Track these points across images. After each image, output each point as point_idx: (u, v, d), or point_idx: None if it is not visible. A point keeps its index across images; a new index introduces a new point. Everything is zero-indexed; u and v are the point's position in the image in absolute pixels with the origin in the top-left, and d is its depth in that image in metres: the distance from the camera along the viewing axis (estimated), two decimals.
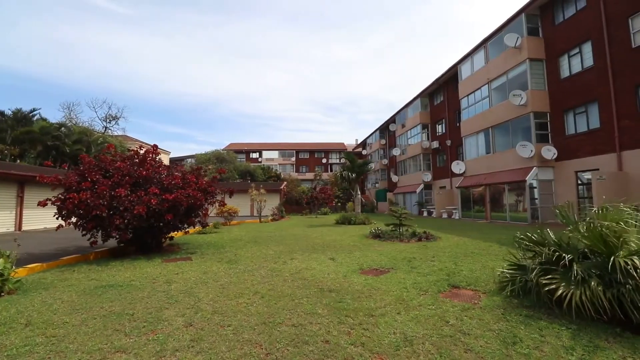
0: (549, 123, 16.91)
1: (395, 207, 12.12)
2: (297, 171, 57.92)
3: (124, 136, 38.49)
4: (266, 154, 58.70)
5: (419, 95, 30.43)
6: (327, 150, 60.72)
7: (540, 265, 4.01)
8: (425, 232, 11.42)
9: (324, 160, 59.88)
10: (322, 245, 10.00)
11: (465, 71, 22.79)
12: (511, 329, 3.33)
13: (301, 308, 4.11)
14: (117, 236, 7.91)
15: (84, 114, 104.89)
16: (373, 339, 3.18)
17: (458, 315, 3.78)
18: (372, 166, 39.21)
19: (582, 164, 15.02)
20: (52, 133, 24.83)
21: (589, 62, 14.82)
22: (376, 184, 43.38)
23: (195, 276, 6.01)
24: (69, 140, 25.79)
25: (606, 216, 3.80)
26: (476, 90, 21.35)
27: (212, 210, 11.05)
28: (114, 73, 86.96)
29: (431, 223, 18.62)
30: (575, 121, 15.70)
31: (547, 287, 3.61)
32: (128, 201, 7.58)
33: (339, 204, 36.90)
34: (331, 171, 54.15)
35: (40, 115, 27.81)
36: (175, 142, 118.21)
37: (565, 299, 3.42)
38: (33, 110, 26.66)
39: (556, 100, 16.53)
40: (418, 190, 30.08)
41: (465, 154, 22.81)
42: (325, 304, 4.25)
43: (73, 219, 7.93)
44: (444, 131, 27.65)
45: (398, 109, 35.68)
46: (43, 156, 24.20)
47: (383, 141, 42.14)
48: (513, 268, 4.58)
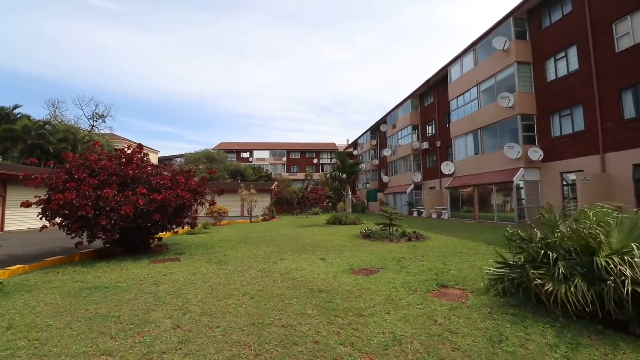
0: (536, 125, 17.27)
1: (385, 207, 12.20)
2: (288, 171, 57.78)
3: (111, 135, 37.79)
4: (257, 154, 58.38)
5: (410, 96, 30.70)
6: (318, 150, 60.74)
7: (527, 263, 4.10)
8: (414, 232, 11.53)
9: (315, 160, 59.88)
10: (313, 245, 10.00)
11: (454, 73, 23.09)
12: (497, 327, 3.39)
13: (291, 309, 4.10)
14: (103, 237, 7.75)
15: (70, 112, 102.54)
16: (362, 339, 3.20)
17: (446, 314, 3.83)
18: (363, 166, 39.39)
19: (567, 166, 15.38)
20: (37, 131, 24.19)
21: (575, 66, 15.18)
22: (367, 184, 43.60)
23: (183, 277, 5.94)
24: (54, 138, 25.17)
25: (589, 216, 3.89)
26: (465, 92, 21.66)
27: (202, 210, 10.94)
28: (101, 70, 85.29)
29: (421, 223, 18.81)
30: (560, 123, 16.07)
31: (536, 282, 3.68)
32: (115, 201, 7.44)
33: (330, 204, 36.95)
34: (322, 171, 54.18)
35: (23, 112, 27.09)
36: (164, 141, 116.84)
37: (551, 296, 3.49)
38: (15, 106, 25.95)
39: (542, 102, 16.89)
40: (408, 190, 30.35)
41: (454, 155, 23.11)
42: (315, 304, 4.25)
43: (58, 220, 7.75)
44: (434, 132, 27.96)
45: (389, 110, 35.93)
46: (26, 154, 23.57)
47: (374, 141, 42.37)
48: (500, 267, 4.66)
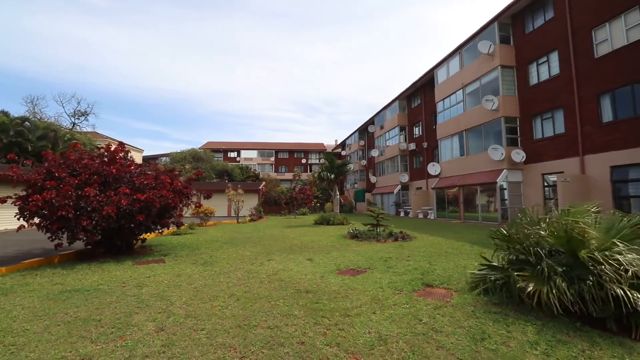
0: (519, 127, 17.71)
1: (373, 208, 12.29)
2: (276, 171, 57.54)
3: (94, 133, 36.73)
4: (245, 154, 57.90)
5: (397, 97, 31.01)
6: (307, 150, 60.68)
7: (509, 262, 4.20)
8: (401, 232, 11.65)
9: (304, 160, 59.81)
10: (300, 246, 9.98)
11: (441, 76, 23.45)
12: (480, 326, 3.46)
13: (277, 310, 4.08)
14: (85, 238, 7.53)
15: (50, 109, 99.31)
16: (348, 339, 3.21)
17: (431, 313, 3.88)
18: (351, 167, 39.62)
19: (549, 167, 15.83)
20: (15, 128, 23.31)
21: (556, 71, 15.64)
22: (355, 185, 43.81)
23: (168, 279, 5.83)
24: (33, 136, 24.29)
25: (569, 217, 4.01)
26: (451, 94, 22.02)
27: (187, 211, 10.77)
28: (84, 66, 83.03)
29: (407, 223, 19.02)
30: (542, 126, 16.53)
31: (519, 284, 3.77)
32: (96, 201, 7.24)
33: (318, 205, 36.96)
34: (310, 171, 54.18)
35: None
36: (149, 140, 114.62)
37: (534, 297, 3.58)
38: None
39: (525, 106, 17.33)
40: (395, 190, 30.65)
41: (440, 156, 23.46)
42: (301, 305, 4.24)
43: (36, 220, 7.50)
44: (421, 133, 28.32)
45: (377, 111, 36.20)
46: (4, 153, 22.68)
47: (362, 142, 42.61)
48: (484, 267, 4.76)
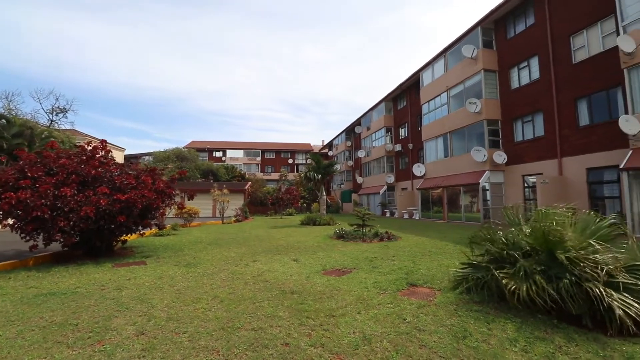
0: (501, 130, 18.17)
1: (359, 208, 12.36)
2: (263, 171, 57.11)
3: (73, 130, 35.48)
4: (230, 153, 57.21)
5: (384, 99, 31.31)
6: (294, 150, 60.50)
7: (489, 262, 4.29)
8: (387, 232, 11.76)
9: (290, 160, 59.59)
10: (286, 246, 9.94)
11: (426, 78, 23.81)
12: (462, 324, 3.52)
13: (262, 311, 4.04)
14: (62, 240, 7.27)
15: (26, 105, 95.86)
16: (333, 340, 3.21)
17: (415, 312, 3.92)
18: (338, 167, 39.65)
19: (528, 169, 16.31)
20: None
21: (536, 75, 16.13)
22: (342, 185, 43.96)
23: (149, 281, 5.69)
24: (8, 133, 23.29)
25: (547, 217, 4.13)
26: (436, 96, 22.39)
27: (171, 211, 10.55)
28: (63, 61, 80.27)
29: (393, 223, 19.23)
30: (523, 129, 17.01)
31: (503, 280, 3.86)
32: (74, 201, 7.00)
33: (305, 205, 36.92)
34: (297, 172, 54.02)
35: None
36: (131, 139, 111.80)
37: (514, 294, 3.67)
38: None
39: (507, 109, 17.81)
40: (381, 191, 30.93)
41: (425, 157, 23.82)
42: (286, 306, 4.21)
43: (10, 220, 7.19)
44: (407, 135, 28.68)
45: (364, 112, 36.44)
46: None
47: (349, 143, 42.79)
48: (465, 266, 4.85)
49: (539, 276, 3.63)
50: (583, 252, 3.52)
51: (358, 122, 38.69)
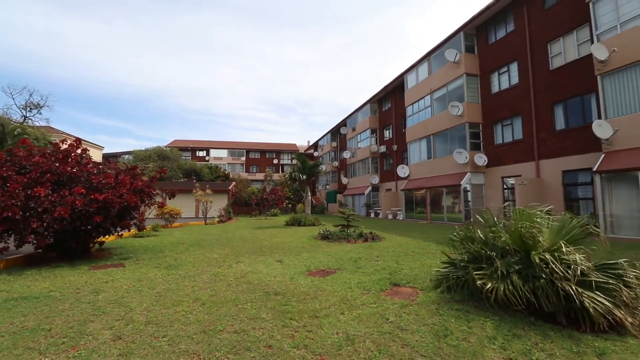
0: (481, 133, 18.65)
1: (343, 209, 12.41)
2: (247, 171, 56.58)
3: (48, 127, 34.12)
4: (214, 153, 56.39)
5: (369, 100, 31.58)
6: (279, 150, 60.22)
7: (469, 262, 4.38)
8: (371, 233, 11.85)
9: (276, 160, 59.29)
10: (270, 247, 9.86)
11: (410, 81, 24.18)
12: (443, 323, 3.58)
13: (244, 313, 3.99)
14: (34, 242, 6.96)
15: None
16: (316, 341, 3.20)
17: (397, 312, 3.96)
18: (323, 168, 39.72)
19: (508, 171, 16.81)
20: None
21: (515, 80, 16.64)
22: (327, 186, 44.05)
23: (127, 284, 5.52)
24: None
25: (524, 218, 4.26)
26: (420, 99, 22.77)
27: (151, 211, 10.28)
28: (38, 56, 77.04)
29: (377, 224, 19.41)
30: (502, 132, 17.52)
31: (478, 282, 3.95)
32: (48, 201, 6.72)
33: (290, 205, 36.81)
34: (282, 172, 53.76)
35: None
36: (110, 137, 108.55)
37: (492, 293, 3.76)
38: None
39: (487, 112, 18.30)
40: (366, 192, 31.18)
41: (409, 159, 24.17)
42: (270, 308, 4.17)
43: None
44: (391, 136, 29.03)
45: (349, 113, 36.66)
46: None
47: (334, 144, 42.95)
48: (446, 265, 4.94)
49: (516, 276, 3.73)
50: (557, 253, 3.64)
51: (343, 123, 38.89)
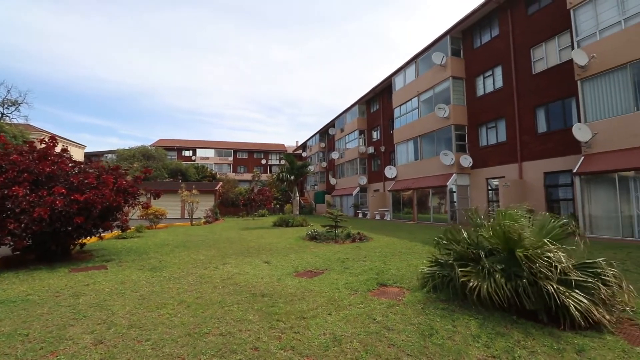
0: (467, 135, 19.01)
1: (331, 209, 12.43)
2: (235, 171, 56.00)
3: (27, 125, 32.97)
4: (201, 152, 55.58)
5: (357, 102, 31.76)
6: (267, 151, 59.87)
7: (454, 261, 4.45)
8: (359, 233, 11.91)
9: (264, 161, 58.91)
10: (258, 248, 9.78)
11: (398, 83, 24.43)
12: (429, 322, 3.62)
13: (231, 315, 3.94)
14: (11, 243, 6.71)
15: None
16: (303, 342, 3.18)
17: (384, 312, 3.98)
18: (312, 168, 39.70)
19: (492, 172, 17.17)
20: None
21: (499, 84, 17.03)
22: (315, 186, 44.03)
23: (110, 287, 5.38)
24: None
25: (506, 218, 4.35)
26: (407, 101, 23.04)
27: (135, 212, 10.05)
28: (17, 50, 74.37)
29: (365, 224, 19.52)
30: (487, 134, 17.90)
31: (462, 280, 4.02)
32: (26, 202, 6.48)
33: (278, 206, 36.63)
34: (270, 172, 53.53)
35: None
36: (93, 135, 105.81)
37: (475, 291, 3.83)
38: None
39: (473, 115, 18.66)
40: (354, 192, 31.32)
41: (397, 160, 24.41)
42: (256, 310, 4.13)
43: None
44: (379, 137, 29.26)
45: (338, 114, 36.77)
46: None
47: (323, 144, 42.99)
48: (432, 265, 5.00)
49: (499, 274, 3.81)
50: (539, 252, 3.73)
51: (332, 124, 38.97)
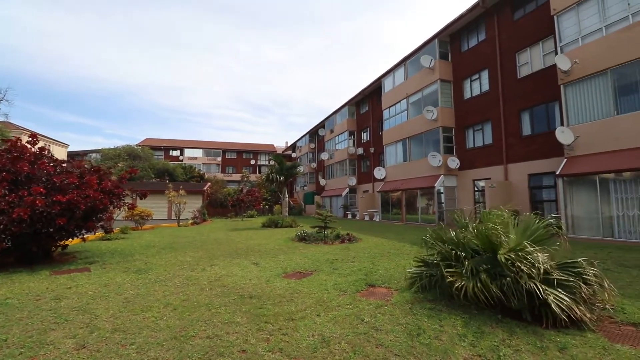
0: (454, 137, 19.30)
1: (321, 210, 12.43)
2: (223, 172, 55.48)
3: (7, 123, 31.93)
4: (188, 152, 54.86)
5: (347, 103, 31.89)
6: (256, 151, 59.52)
7: (441, 261, 4.50)
8: (348, 234, 11.93)
9: (253, 161, 58.54)
10: (246, 249, 9.70)
11: (387, 85, 24.64)
12: (416, 322, 3.65)
13: (218, 318, 3.89)
14: None
15: None
16: (292, 344, 3.17)
17: (372, 312, 4.00)
18: (301, 169, 39.64)
19: (479, 174, 17.48)
20: None
21: (486, 87, 17.36)
22: (305, 187, 43.96)
23: (93, 289, 5.25)
24: None
25: (491, 219, 4.43)
26: (396, 103, 23.25)
27: (120, 213, 9.83)
28: None
29: (354, 225, 19.59)
30: (474, 137, 18.22)
31: (449, 280, 4.07)
32: (5, 202, 6.28)
33: (267, 207, 36.41)
34: (260, 173, 53.16)
35: None
36: (77, 134, 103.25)
37: (461, 291, 3.88)
38: None
39: (460, 117, 18.97)
40: (344, 193, 31.41)
41: (386, 161, 24.60)
42: (244, 312, 4.09)
43: None
44: (369, 139, 29.44)
45: (328, 115, 36.83)
46: None
47: (312, 145, 42.96)
48: (419, 265, 5.05)
49: (485, 274, 3.87)
50: (522, 252, 3.82)
51: (322, 125, 39.00)
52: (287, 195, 21.71)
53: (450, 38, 19.79)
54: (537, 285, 3.48)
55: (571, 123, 11.94)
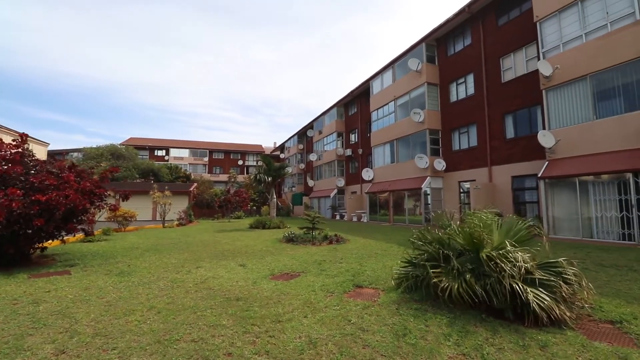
0: (440, 139, 19.63)
1: (309, 211, 12.42)
2: (210, 172, 54.81)
3: None
4: (174, 152, 53.96)
5: (336, 104, 32.01)
6: (244, 151, 59.04)
7: (427, 261, 4.56)
8: (336, 235, 11.96)
9: (240, 162, 58.04)
10: (233, 251, 9.60)
11: (376, 87, 24.86)
12: (403, 322, 3.69)
13: (204, 321, 3.83)
14: None
15: None
16: (278, 346, 3.15)
17: (359, 313, 4.02)
18: (290, 170, 39.40)
19: (464, 176, 17.82)
20: None
21: (471, 91, 17.73)
22: (293, 188, 43.84)
23: (73, 293, 5.09)
24: None
25: (475, 220, 4.51)
26: (384, 105, 23.48)
27: (102, 214, 9.57)
28: None
29: (342, 226, 19.64)
30: (459, 139, 18.57)
31: (434, 280, 4.13)
32: None
33: (254, 208, 36.17)
34: (247, 173, 52.71)
35: None
36: (56, 132, 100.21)
37: (446, 291, 3.94)
38: None
39: (446, 120, 19.30)
40: (332, 194, 31.48)
41: (374, 163, 24.80)
42: (231, 314, 4.04)
43: None
44: (357, 140, 29.61)
45: (316, 116, 36.87)
46: None
47: (301, 146, 42.91)
48: (406, 266, 5.11)
49: (469, 274, 3.95)
50: (501, 252, 3.90)
51: (310, 126, 39.02)
52: (275, 196, 21.61)
53: (437, 42, 20.12)
54: (519, 284, 3.56)
55: (552, 127, 12.31)
